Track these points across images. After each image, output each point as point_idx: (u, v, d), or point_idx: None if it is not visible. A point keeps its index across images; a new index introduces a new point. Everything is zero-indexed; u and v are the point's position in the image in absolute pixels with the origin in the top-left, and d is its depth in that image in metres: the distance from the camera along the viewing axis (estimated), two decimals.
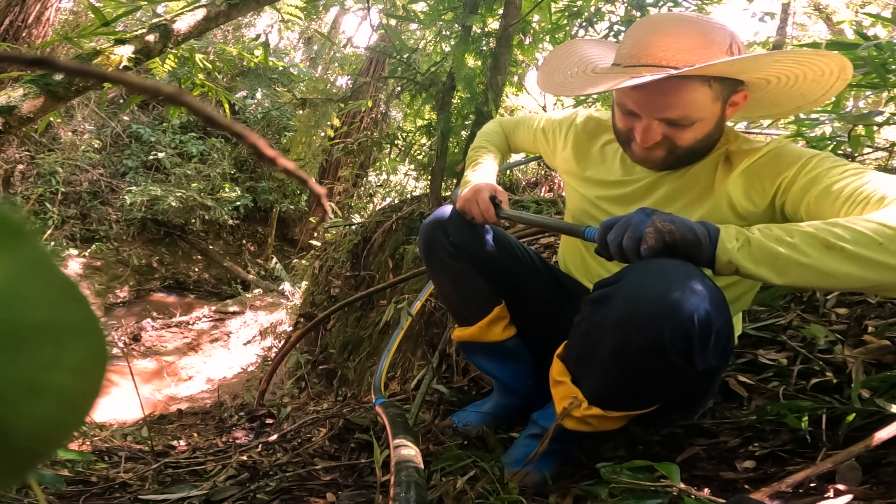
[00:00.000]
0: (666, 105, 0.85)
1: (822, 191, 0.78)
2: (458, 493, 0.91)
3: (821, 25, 8.91)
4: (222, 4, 2.34)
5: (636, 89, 0.85)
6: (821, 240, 0.68)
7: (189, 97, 0.21)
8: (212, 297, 7.67)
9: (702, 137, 0.89)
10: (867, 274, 0.66)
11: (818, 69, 0.82)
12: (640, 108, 0.88)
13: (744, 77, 0.86)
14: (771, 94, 0.91)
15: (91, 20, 2.75)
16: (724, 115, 0.90)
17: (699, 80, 0.82)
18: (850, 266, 0.67)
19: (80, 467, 1.25)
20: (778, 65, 0.82)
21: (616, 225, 0.80)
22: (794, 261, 0.69)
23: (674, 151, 0.91)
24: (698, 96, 0.83)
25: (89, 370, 0.17)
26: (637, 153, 0.95)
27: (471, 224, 1.13)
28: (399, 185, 6.15)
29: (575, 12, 2.87)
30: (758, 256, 0.71)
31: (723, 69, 0.80)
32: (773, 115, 1.00)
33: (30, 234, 0.16)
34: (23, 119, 1.76)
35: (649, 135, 0.88)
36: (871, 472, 0.82)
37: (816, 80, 0.84)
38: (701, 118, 0.86)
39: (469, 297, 1.19)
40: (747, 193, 0.89)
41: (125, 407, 3.24)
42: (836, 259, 0.67)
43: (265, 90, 8.84)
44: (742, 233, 0.74)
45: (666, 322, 0.74)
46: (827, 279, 0.69)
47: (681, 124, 0.87)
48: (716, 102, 0.86)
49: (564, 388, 0.93)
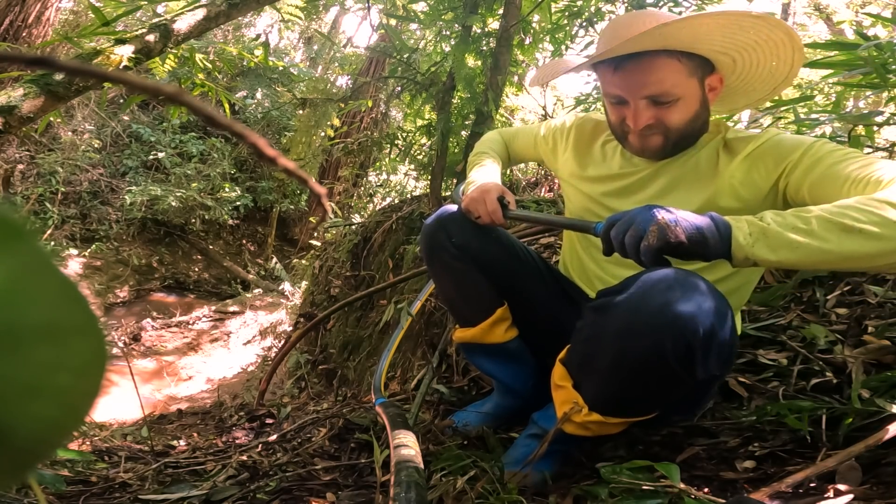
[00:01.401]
0: (644, 82, 0.90)
1: (823, 173, 0.81)
2: (458, 493, 0.91)
3: (821, 25, 8.91)
4: (222, 4, 2.34)
5: (616, 74, 0.92)
6: (837, 223, 0.69)
7: (189, 97, 0.21)
8: (212, 296, 7.67)
9: (690, 118, 0.93)
10: (885, 249, 0.68)
11: (766, 37, 0.86)
12: (623, 90, 0.93)
13: (700, 48, 0.89)
14: (744, 78, 0.95)
15: (91, 20, 2.75)
16: (706, 98, 0.94)
17: (666, 54, 0.88)
18: (871, 246, 0.68)
19: (79, 467, 1.25)
20: (723, 28, 0.85)
21: (619, 222, 0.81)
22: (814, 247, 0.70)
23: (668, 135, 0.94)
24: (671, 70, 0.89)
25: (89, 370, 0.17)
26: (634, 144, 0.98)
27: (474, 224, 1.13)
28: (399, 185, 6.14)
29: (575, 12, 2.87)
30: (776, 246, 0.71)
31: (673, 31, 0.83)
32: (753, 102, 1.02)
33: (29, 234, 0.16)
34: (23, 119, 1.76)
35: (640, 117, 0.93)
36: (871, 472, 0.82)
37: (774, 52, 0.88)
38: (682, 94, 0.91)
39: (471, 298, 1.18)
40: (750, 178, 0.91)
41: (125, 407, 3.24)
42: (856, 241, 0.68)
43: (265, 90, 8.84)
44: (755, 224, 0.74)
45: (667, 332, 0.74)
46: (847, 261, 0.70)
47: (664, 101, 0.91)
48: (692, 79, 0.91)
49: (565, 393, 0.93)
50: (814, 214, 0.71)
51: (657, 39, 0.84)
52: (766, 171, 0.89)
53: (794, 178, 0.86)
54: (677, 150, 0.99)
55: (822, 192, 0.81)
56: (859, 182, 0.76)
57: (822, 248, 0.69)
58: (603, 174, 1.10)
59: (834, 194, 0.79)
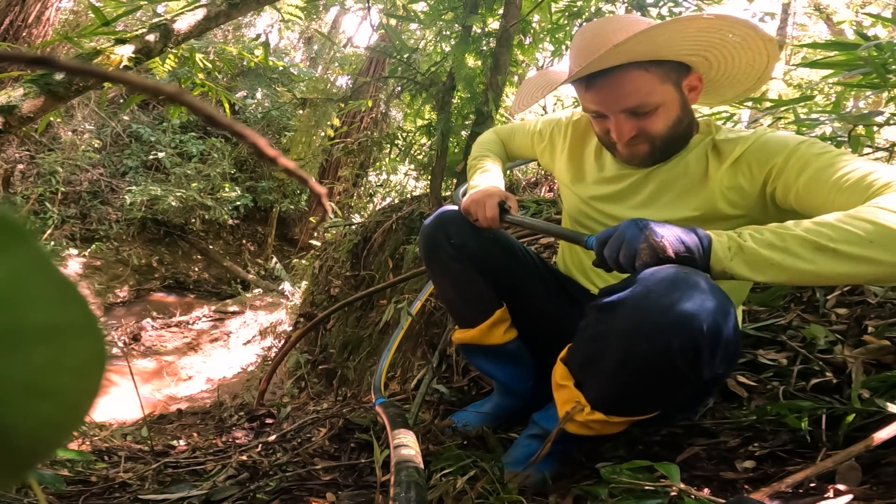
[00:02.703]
0: (618, 96, 0.90)
1: (810, 178, 0.81)
2: (458, 493, 0.91)
3: (821, 26, 8.92)
4: (222, 4, 2.34)
5: (589, 92, 0.93)
6: (812, 242, 0.70)
7: (190, 97, 0.21)
8: (212, 296, 7.67)
9: (673, 123, 0.94)
10: (861, 271, 0.69)
11: (732, 33, 0.86)
12: (601, 107, 0.94)
13: (665, 55, 0.89)
14: (724, 73, 0.95)
15: (91, 20, 2.75)
16: (686, 99, 0.95)
17: (634, 66, 0.88)
18: (844, 265, 0.69)
19: (79, 467, 1.25)
20: (681, 34, 0.85)
21: (610, 240, 0.82)
22: (788, 265, 0.71)
23: (653, 142, 0.95)
24: (642, 82, 0.89)
25: (88, 371, 0.17)
26: (623, 153, 1.00)
27: (473, 225, 1.13)
28: (399, 185, 6.14)
29: (575, 12, 2.87)
30: (752, 263, 0.73)
31: (630, 47, 0.83)
32: (741, 92, 1.01)
33: (29, 234, 0.16)
34: (23, 119, 1.76)
35: (623, 129, 0.93)
36: (871, 472, 0.82)
37: (744, 45, 0.88)
38: (659, 102, 0.91)
39: (470, 299, 1.18)
40: (738, 184, 0.91)
41: (125, 407, 3.24)
42: (830, 260, 0.69)
43: (265, 90, 8.83)
44: (734, 240, 0.75)
45: (675, 332, 0.74)
46: (822, 279, 0.72)
47: (643, 112, 0.91)
48: (665, 84, 0.90)
49: (567, 392, 0.93)
50: (790, 232, 0.72)
51: (619, 56, 0.85)
52: (751, 175, 0.90)
53: (780, 184, 0.86)
54: (667, 154, 0.99)
55: (808, 201, 0.82)
56: (845, 190, 0.77)
57: (795, 267, 0.70)
58: (596, 178, 1.11)
59: (820, 204, 0.79)
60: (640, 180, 1.03)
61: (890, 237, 0.67)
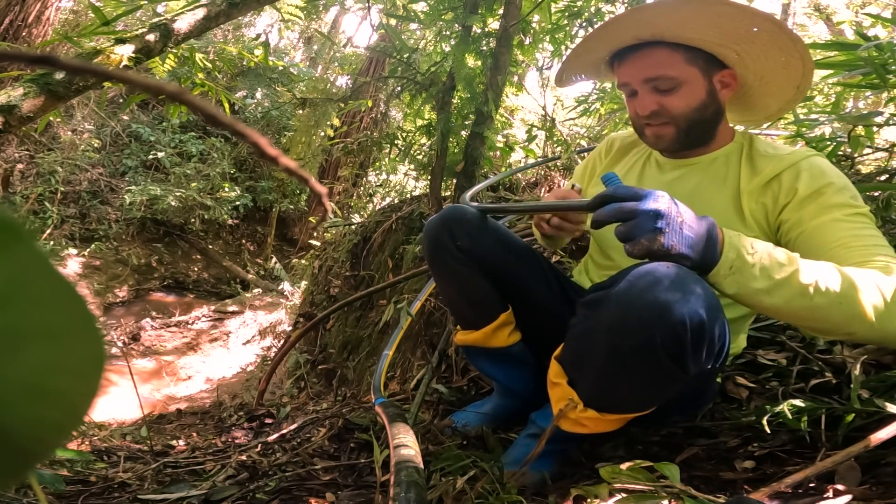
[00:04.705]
0: (641, 66, 0.96)
1: (822, 224, 0.85)
2: (457, 493, 0.91)
3: (821, 26, 8.92)
4: (222, 4, 2.34)
5: (620, 66, 0.99)
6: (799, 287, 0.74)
7: (191, 96, 0.21)
8: (211, 296, 7.67)
9: (696, 106, 0.95)
10: (819, 325, 0.76)
11: (757, 27, 0.88)
12: (628, 77, 0.99)
13: (689, 37, 0.91)
14: (761, 77, 0.97)
15: (91, 19, 2.75)
16: (716, 91, 0.96)
17: (661, 45, 0.94)
18: (810, 316, 0.75)
19: (79, 467, 1.25)
20: (700, 15, 0.88)
21: (616, 209, 0.76)
22: (767, 303, 0.76)
23: (677, 124, 0.97)
24: (665, 56, 0.94)
25: (87, 371, 0.17)
26: (649, 136, 1.02)
27: (478, 227, 1.11)
28: (399, 184, 6.14)
29: (575, 12, 2.87)
30: (737, 292, 0.77)
31: (649, 16, 0.89)
32: (785, 105, 1.02)
33: (27, 234, 0.16)
34: (23, 118, 1.76)
35: (643, 101, 0.97)
36: (871, 473, 0.82)
37: (772, 42, 0.90)
38: (681, 78, 0.93)
39: (474, 301, 1.16)
40: (764, 202, 0.94)
41: (124, 406, 3.24)
42: (802, 306, 0.74)
43: (265, 90, 8.83)
44: (735, 263, 0.76)
45: (657, 325, 0.73)
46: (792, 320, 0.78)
47: (665, 88, 0.95)
48: (691, 67, 0.93)
49: (561, 390, 0.93)
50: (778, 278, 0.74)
51: (638, 25, 0.91)
52: (775, 198, 0.92)
53: (794, 217, 0.89)
54: (693, 142, 1.01)
55: (809, 244, 0.86)
56: (847, 248, 0.81)
57: (773, 305, 0.75)
58: (635, 182, 1.13)
59: (815, 249, 0.84)
60: (676, 179, 1.06)
61: (852, 306, 0.72)
